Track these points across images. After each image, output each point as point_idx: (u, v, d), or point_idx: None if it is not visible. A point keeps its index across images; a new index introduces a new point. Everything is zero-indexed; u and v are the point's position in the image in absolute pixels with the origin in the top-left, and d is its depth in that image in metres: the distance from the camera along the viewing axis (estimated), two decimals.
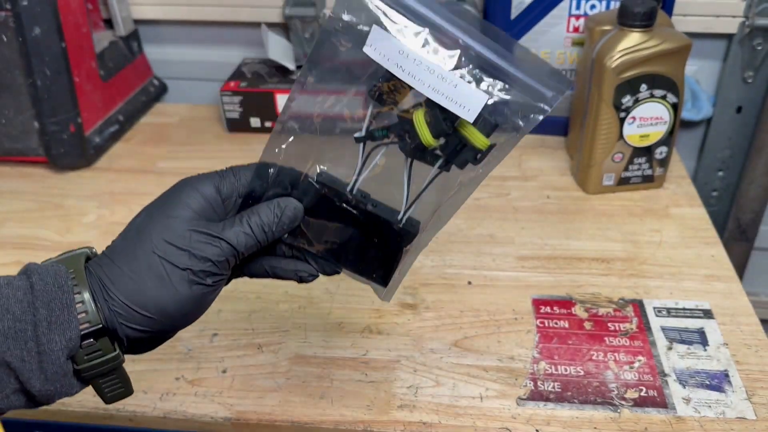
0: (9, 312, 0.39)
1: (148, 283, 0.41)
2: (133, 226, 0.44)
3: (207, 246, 0.42)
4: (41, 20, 0.88)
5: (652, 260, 0.76)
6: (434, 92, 0.41)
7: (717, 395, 0.60)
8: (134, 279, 0.41)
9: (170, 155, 0.99)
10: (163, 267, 0.41)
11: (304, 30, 1.07)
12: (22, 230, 0.86)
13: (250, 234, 0.43)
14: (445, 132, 0.42)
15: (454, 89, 0.41)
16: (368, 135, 0.46)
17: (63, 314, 0.39)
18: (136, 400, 0.62)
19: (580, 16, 0.91)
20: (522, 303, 0.71)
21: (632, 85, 0.79)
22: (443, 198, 0.46)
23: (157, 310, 0.41)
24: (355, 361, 0.65)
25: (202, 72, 1.16)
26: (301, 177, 0.46)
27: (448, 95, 0.41)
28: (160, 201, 0.44)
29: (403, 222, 0.47)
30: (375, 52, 0.42)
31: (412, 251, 0.48)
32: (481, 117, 0.41)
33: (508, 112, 0.42)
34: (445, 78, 0.41)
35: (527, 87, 0.42)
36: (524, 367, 0.63)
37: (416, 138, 0.43)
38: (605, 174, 0.86)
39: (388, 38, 0.41)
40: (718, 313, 0.68)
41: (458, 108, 0.41)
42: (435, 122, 0.42)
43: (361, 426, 0.59)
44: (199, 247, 0.42)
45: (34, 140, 0.95)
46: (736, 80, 1.00)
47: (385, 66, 0.42)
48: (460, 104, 0.41)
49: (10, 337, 0.38)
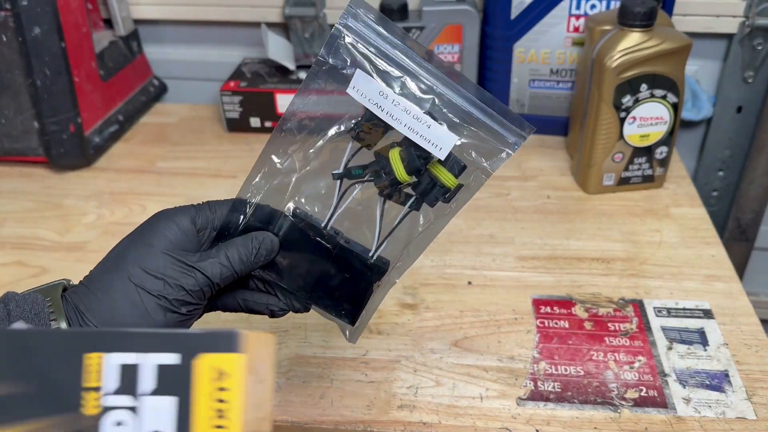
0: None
1: (123, 310, 0.42)
2: (111, 255, 0.45)
3: (182, 275, 0.43)
4: (41, 20, 0.88)
5: (653, 260, 0.76)
6: (410, 131, 0.45)
7: (717, 395, 0.60)
8: (109, 306, 0.42)
9: (170, 155, 0.99)
10: (138, 294, 0.42)
11: (304, 30, 1.07)
12: (22, 230, 0.86)
13: (227, 265, 0.44)
14: (418, 169, 0.46)
15: (427, 129, 0.45)
16: (346, 172, 0.48)
17: None
18: None
19: (580, 16, 0.90)
20: (522, 303, 0.71)
21: (632, 85, 0.79)
22: (413, 236, 0.49)
23: None
24: (355, 361, 0.64)
25: (202, 72, 1.16)
26: (275, 213, 0.48)
27: (422, 134, 0.45)
28: (138, 231, 0.45)
29: (374, 258, 0.49)
30: (357, 93, 0.46)
31: (381, 288, 0.50)
32: (451, 157, 0.45)
33: (474, 155, 0.46)
34: (419, 119, 0.45)
35: (493, 132, 0.46)
36: (524, 367, 0.63)
37: (391, 174, 0.46)
38: (605, 174, 0.86)
39: (370, 81, 0.45)
40: (718, 313, 0.68)
41: (431, 147, 0.45)
42: (409, 159, 0.45)
43: (361, 426, 0.58)
44: (175, 276, 0.43)
45: (34, 140, 0.95)
46: (737, 80, 1.00)
47: (366, 106, 0.46)
48: (432, 143, 0.45)
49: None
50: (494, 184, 0.89)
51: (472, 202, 0.49)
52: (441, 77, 0.46)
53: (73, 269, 0.78)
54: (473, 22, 0.95)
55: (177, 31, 1.14)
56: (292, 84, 1.01)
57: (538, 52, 0.94)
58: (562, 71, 0.95)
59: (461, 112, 0.46)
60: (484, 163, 0.46)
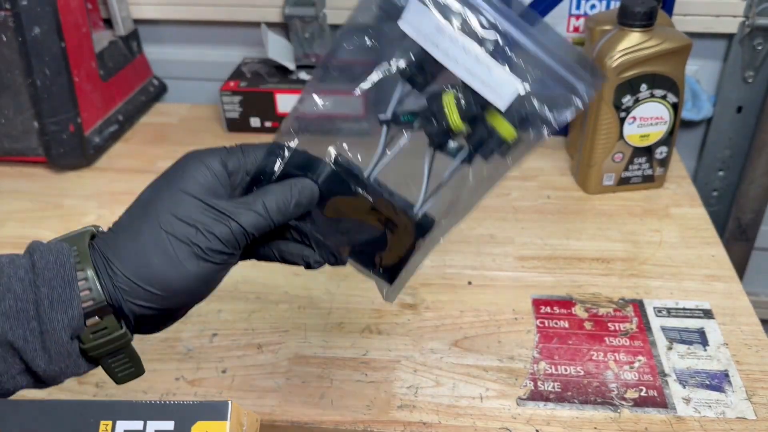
0: (10, 291, 0.38)
1: (154, 258, 0.39)
2: (139, 201, 0.42)
3: (216, 223, 0.40)
4: (41, 20, 0.88)
5: (653, 260, 0.76)
6: (467, 74, 0.40)
7: (717, 395, 0.60)
8: (139, 254, 0.40)
9: (170, 155, 0.98)
10: (170, 242, 0.40)
11: (304, 30, 1.07)
12: (22, 230, 0.86)
13: (263, 215, 0.41)
14: (473, 116, 0.41)
15: (488, 73, 0.39)
16: (393, 117, 0.44)
17: (65, 292, 0.38)
18: (136, 400, 0.62)
19: (580, 16, 0.90)
20: (522, 303, 0.71)
21: (632, 85, 0.79)
22: (462, 192, 0.44)
23: (162, 287, 0.40)
24: (355, 361, 0.64)
25: (202, 72, 1.16)
26: (315, 159, 0.45)
27: (481, 79, 0.40)
28: (166, 175, 0.43)
29: (420, 215, 0.45)
30: (410, 27, 0.41)
31: (423, 248, 0.46)
32: (512, 106, 0.40)
33: (538, 104, 0.40)
34: (480, 60, 0.39)
35: (561, 79, 0.40)
36: (524, 367, 0.63)
37: (444, 120, 0.41)
38: (605, 174, 0.86)
39: (427, 13, 0.40)
40: (719, 313, 0.68)
41: (490, 93, 0.40)
42: (465, 105, 0.41)
43: (361, 426, 0.58)
44: (209, 224, 0.40)
45: (33, 140, 0.95)
46: (737, 80, 1.00)
47: (419, 43, 0.41)
48: (492, 89, 0.40)
49: (12, 316, 0.37)
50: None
51: None
52: (508, 14, 0.40)
53: None
54: None
55: (177, 31, 1.14)
56: (292, 84, 1.01)
57: None
58: None
59: (527, 55, 0.40)
60: (549, 115, 0.40)
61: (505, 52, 0.40)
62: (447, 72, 0.41)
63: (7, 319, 0.37)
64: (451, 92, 0.42)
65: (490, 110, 0.41)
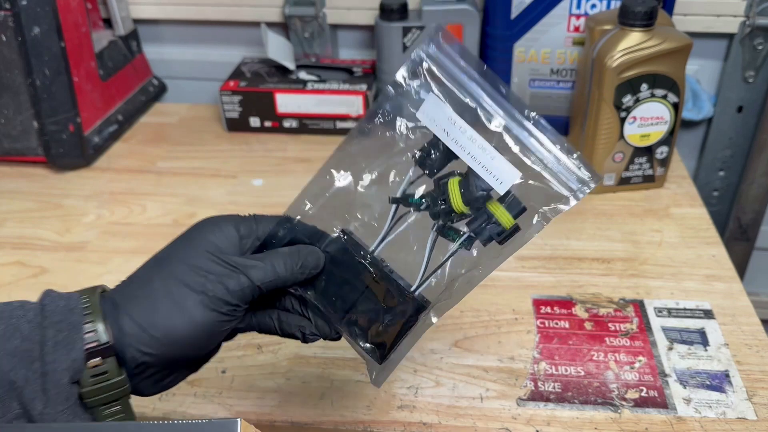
0: (18, 331, 0.39)
1: (162, 304, 0.41)
2: (154, 256, 0.44)
3: (228, 274, 0.42)
4: (41, 20, 0.87)
5: (653, 260, 0.76)
6: (472, 160, 0.44)
7: (718, 395, 0.60)
8: (148, 300, 0.41)
9: (170, 155, 0.99)
10: (179, 289, 0.41)
11: (303, 29, 1.07)
12: (22, 230, 0.85)
13: (271, 271, 0.44)
14: (475, 200, 0.45)
15: (491, 161, 0.44)
16: (403, 198, 0.47)
17: (70, 335, 0.39)
18: (136, 400, 0.61)
19: (580, 16, 0.90)
20: (522, 303, 0.70)
21: (633, 85, 0.79)
22: (457, 277, 0.47)
23: (166, 332, 0.41)
24: (355, 361, 0.64)
25: (202, 72, 1.16)
26: (322, 233, 0.48)
27: (484, 165, 0.44)
28: (182, 235, 0.45)
29: (416, 296, 0.47)
30: (425, 116, 0.45)
31: (415, 330, 0.48)
32: (511, 196, 0.44)
33: (535, 197, 0.44)
34: (485, 149, 0.44)
35: (556, 176, 0.44)
36: (524, 367, 0.63)
37: (447, 202, 0.45)
38: (606, 174, 0.85)
39: (441, 106, 0.45)
40: (719, 313, 0.68)
41: (492, 179, 0.44)
42: (468, 189, 0.45)
43: (361, 426, 0.58)
44: (218, 272, 0.42)
45: (33, 140, 0.95)
46: (737, 80, 1.00)
47: (432, 130, 0.45)
48: (494, 176, 0.44)
49: (17, 356, 0.38)
50: None
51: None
52: (513, 113, 0.45)
53: (73, 269, 0.78)
54: (473, 21, 0.95)
55: (177, 30, 1.14)
56: (291, 84, 1.01)
57: (539, 52, 0.94)
58: (563, 71, 0.95)
59: (528, 151, 0.44)
60: (544, 208, 0.44)
61: (507, 147, 0.44)
62: (455, 160, 0.45)
63: (12, 358, 0.38)
64: (457, 177, 0.46)
65: (492, 199, 0.45)
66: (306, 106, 1.01)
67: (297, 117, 1.02)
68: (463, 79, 0.45)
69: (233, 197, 0.89)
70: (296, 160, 0.97)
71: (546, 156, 0.44)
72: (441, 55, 0.46)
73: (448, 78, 0.46)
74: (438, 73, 0.46)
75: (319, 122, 1.02)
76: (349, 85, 1.00)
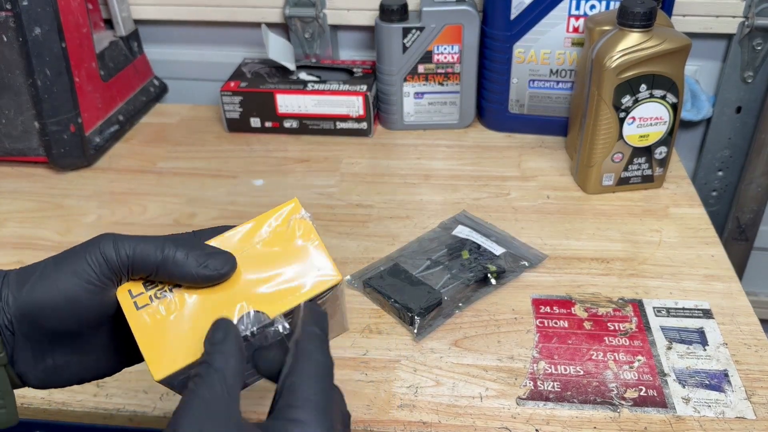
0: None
1: (38, 277, 0.42)
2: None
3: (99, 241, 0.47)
4: (42, 20, 0.88)
5: (652, 260, 0.76)
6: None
7: (716, 395, 0.60)
8: (27, 273, 0.42)
9: (170, 155, 0.99)
10: (59, 267, 0.44)
11: (304, 30, 1.07)
12: (23, 230, 0.86)
13: (145, 246, 0.46)
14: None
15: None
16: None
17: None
18: (136, 400, 0.62)
19: (579, 17, 0.91)
20: (522, 303, 0.71)
21: (632, 85, 0.79)
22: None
23: (30, 293, 0.41)
24: (355, 361, 0.65)
25: (202, 72, 1.16)
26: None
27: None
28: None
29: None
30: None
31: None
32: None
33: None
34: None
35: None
36: (524, 366, 0.63)
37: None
38: (605, 174, 0.86)
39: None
40: (718, 313, 0.68)
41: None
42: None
43: (361, 426, 0.59)
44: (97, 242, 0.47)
45: (34, 140, 0.95)
46: (736, 80, 1.00)
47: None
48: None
49: None
50: (494, 184, 0.90)
51: (472, 202, 0.49)
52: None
53: None
54: (473, 22, 0.95)
55: (177, 31, 1.14)
56: (292, 84, 1.02)
57: (538, 53, 0.95)
58: (562, 71, 0.95)
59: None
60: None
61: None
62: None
63: None
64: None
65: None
66: (306, 106, 1.01)
67: (297, 117, 1.02)
68: None
69: (233, 197, 0.89)
70: (296, 160, 0.98)
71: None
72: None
73: None
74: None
75: (320, 122, 1.02)
76: (350, 86, 1.00)
